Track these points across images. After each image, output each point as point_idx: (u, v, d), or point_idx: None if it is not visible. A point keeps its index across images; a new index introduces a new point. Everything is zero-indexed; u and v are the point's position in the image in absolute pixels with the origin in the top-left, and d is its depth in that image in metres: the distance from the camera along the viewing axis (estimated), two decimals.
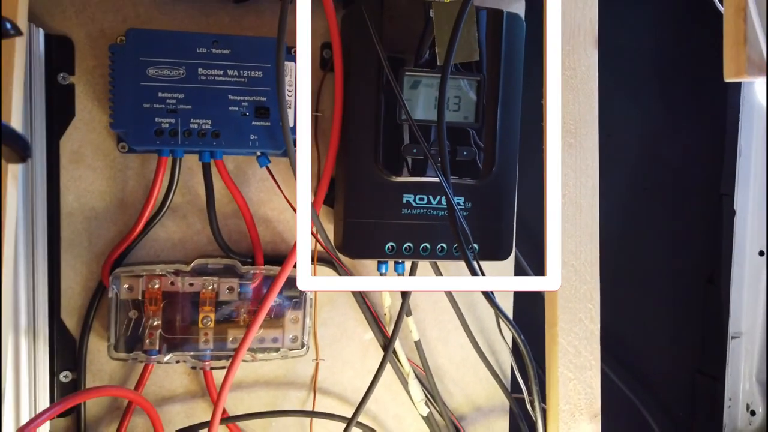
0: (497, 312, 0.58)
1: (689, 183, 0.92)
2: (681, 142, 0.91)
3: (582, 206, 0.58)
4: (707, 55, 0.88)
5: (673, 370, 0.94)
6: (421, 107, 0.62)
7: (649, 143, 0.90)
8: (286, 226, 0.69)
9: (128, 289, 0.63)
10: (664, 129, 0.90)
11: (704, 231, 0.93)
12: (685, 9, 0.88)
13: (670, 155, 0.91)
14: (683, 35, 0.89)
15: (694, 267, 0.93)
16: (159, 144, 0.60)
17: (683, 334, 0.94)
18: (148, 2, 0.65)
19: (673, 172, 0.92)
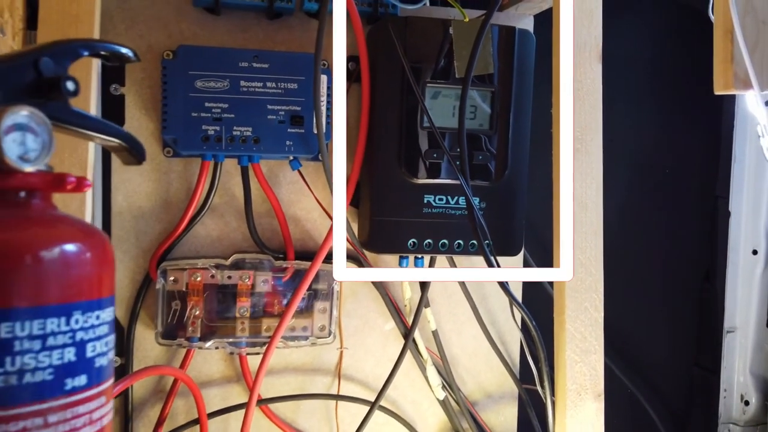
0: (512, 300, 0.67)
1: (686, 186, 1.02)
2: (679, 148, 1.01)
3: (588, 205, 0.68)
4: (703, 66, 0.97)
5: (671, 363, 1.03)
6: (440, 116, 0.71)
7: (649, 149, 1.00)
8: (314, 224, 0.78)
9: (173, 281, 0.72)
10: (662, 135, 1.00)
11: (700, 231, 1.02)
12: (682, 22, 0.98)
13: (668, 160, 1.01)
14: (681, 47, 0.98)
15: (691, 265, 1.03)
16: (205, 149, 0.69)
17: (681, 329, 1.04)
18: (190, 20, 0.74)
19: (671, 176, 1.01)
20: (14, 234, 0.29)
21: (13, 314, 0.28)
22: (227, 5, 0.72)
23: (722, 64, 0.64)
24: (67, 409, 0.30)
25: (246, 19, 0.76)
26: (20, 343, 0.28)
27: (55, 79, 0.32)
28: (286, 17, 0.76)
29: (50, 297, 0.29)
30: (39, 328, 0.29)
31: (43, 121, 0.30)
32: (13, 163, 0.29)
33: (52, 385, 0.29)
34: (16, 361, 0.28)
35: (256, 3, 0.72)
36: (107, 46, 0.37)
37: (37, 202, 0.32)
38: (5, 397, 0.28)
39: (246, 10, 0.74)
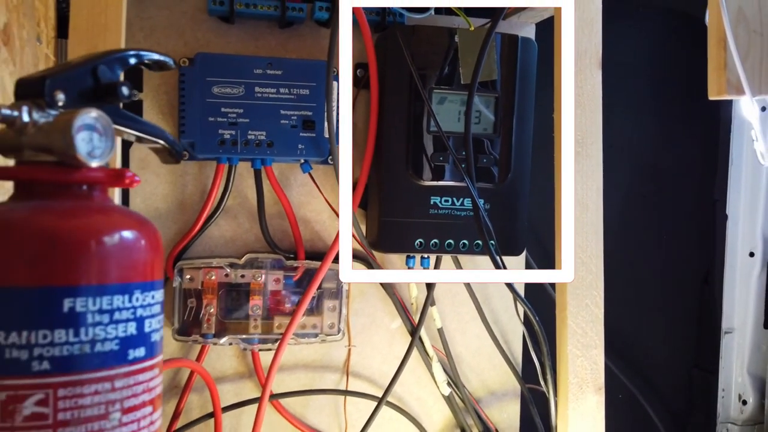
0: (515, 296, 0.72)
1: (684, 190, 1.08)
2: (676, 152, 1.07)
3: (588, 206, 0.73)
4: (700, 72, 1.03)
5: (670, 363, 1.08)
6: (445, 120, 0.76)
7: (647, 153, 1.05)
8: (323, 226, 0.83)
9: (189, 280, 0.77)
10: (660, 140, 1.06)
11: (698, 234, 1.08)
12: (679, 29, 1.04)
13: (666, 164, 1.06)
14: (678, 53, 1.04)
15: (689, 268, 1.08)
16: (221, 152, 0.74)
17: (680, 330, 1.09)
18: (205, 28, 0.79)
19: (669, 180, 1.07)
20: (85, 221, 0.34)
21: (86, 291, 0.33)
22: (241, 14, 0.78)
23: (716, 71, 0.70)
24: (130, 377, 0.35)
25: (258, 28, 0.81)
26: (92, 317, 0.33)
27: (112, 85, 0.38)
28: (297, 26, 0.82)
29: (115, 276, 0.34)
30: (107, 304, 0.34)
31: (107, 122, 0.35)
32: (83, 158, 0.34)
33: (118, 355, 0.34)
34: (89, 332, 0.33)
35: (269, 12, 0.78)
36: (151, 56, 0.42)
37: (98, 194, 0.37)
38: (81, 363, 0.33)
39: (259, 18, 0.80)
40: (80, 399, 0.32)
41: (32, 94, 0.35)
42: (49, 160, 0.35)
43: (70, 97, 0.36)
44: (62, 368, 0.32)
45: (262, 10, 0.78)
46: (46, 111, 0.35)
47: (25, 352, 0.32)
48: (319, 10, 0.79)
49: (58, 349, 0.32)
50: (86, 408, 0.33)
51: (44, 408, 0.32)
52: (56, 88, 0.35)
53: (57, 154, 0.34)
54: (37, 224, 0.33)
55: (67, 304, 0.33)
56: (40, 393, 0.32)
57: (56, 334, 0.32)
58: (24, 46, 0.53)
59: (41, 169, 0.35)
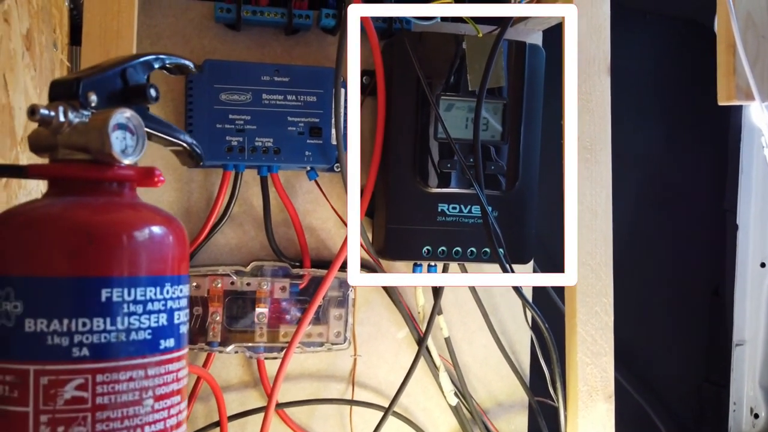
0: (524, 301, 0.76)
1: (694, 200, 1.11)
2: (686, 162, 1.11)
3: (597, 213, 0.77)
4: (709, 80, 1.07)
5: (680, 377, 1.12)
6: (453, 127, 0.80)
7: (656, 163, 1.09)
8: (329, 234, 0.87)
9: (195, 287, 0.80)
10: (669, 149, 1.10)
11: (709, 245, 1.12)
12: (687, 36, 1.08)
13: (675, 174, 1.10)
14: (686, 61, 1.09)
15: (699, 279, 1.12)
16: (229, 159, 0.78)
17: (690, 343, 1.12)
18: (211, 35, 0.83)
19: (678, 190, 1.11)
20: (118, 216, 0.38)
21: (121, 282, 0.37)
22: (248, 21, 0.82)
23: (725, 77, 0.74)
24: (161, 366, 0.38)
25: (264, 35, 0.85)
26: (127, 307, 0.37)
27: (141, 87, 0.41)
28: (303, 33, 0.86)
29: (147, 269, 0.38)
30: (141, 295, 0.37)
31: (139, 122, 0.39)
32: (117, 156, 0.38)
33: (150, 344, 0.38)
34: (124, 321, 0.37)
35: (276, 19, 0.82)
36: (175, 60, 0.46)
37: (128, 192, 0.41)
38: (117, 350, 0.36)
39: (265, 26, 0.84)
40: (116, 385, 0.36)
41: (66, 96, 0.39)
42: (83, 159, 0.39)
43: (101, 99, 0.40)
44: (100, 355, 0.36)
45: (268, 17, 0.82)
46: (80, 111, 0.39)
47: (66, 338, 0.35)
48: (325, 17, 0.83)
49: (96, 337, 0.36)
50: (122, 394, 0.36)
51: (83, 392, 0.35)
52: (89, 89, 0.39)
53: (92, 152, 0.38)
54: (75, 219, 0.36)
55: (104, 294, 0.36)
56: (80, 378, 0.35)
57: (95, 322, 0.36)
58: (43, 51, 0.57)
59: (77, 166, 0.39)
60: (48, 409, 0.35)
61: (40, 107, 0.37)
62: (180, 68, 0.47)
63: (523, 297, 0.77)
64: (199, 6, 0.83)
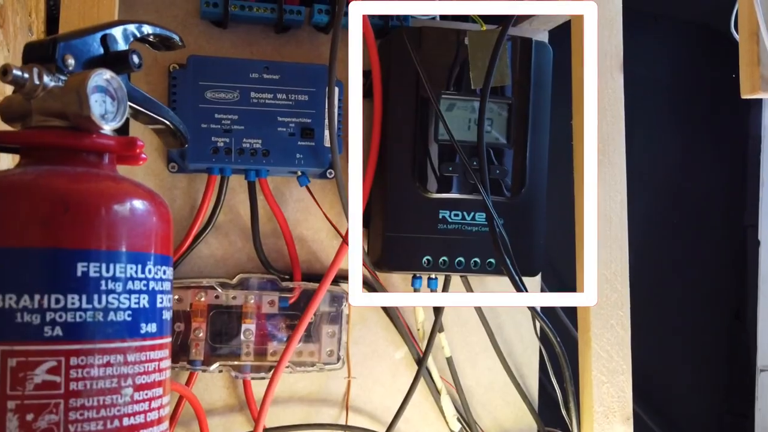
0: (534, 313, 0.74)
1: (712, 215, 1.11)
2: (702, 174, 1.10)
3: (612, 219, 0.76)
4: (725, 86, 1.08)
5: (700, 407, 1.10)
6: (455, 128, 0.79)
7: (670, 175, 1.09)
8: (321, 245, 0.86)
9: (178, 301, 0.78)
10: (684, 161, 1.09)
11: (729, 264, 1.11)
12: (702, 42, 1.09)
13: (691, 187, 1.10)
14: (702, 68, 1.09)
15: (719, 300, 1.11)
16: (215, 161, 0.77)
17: (710, 371, 1.11)
18: (196, 33, 0.83)
19: (695, 204, 1.10)
20: (97, 185, 0.36)
21: (100, 255, 0.35)
22: (236, 17, 0.81)
23: (748, 67, 0.73)
24: (142, 352, 0.37)
25: (253, 33, 0.84)
26: (105, 283, 0.35)
27: (123, 53, 0.40)
28: (294, 31, 0.85)
29: (128, 244, 0.36)
30: (120, 271, 0.36)
31: (120, 85, 0.38)
32: (96, 120, 0.37)
33: (130, 327, 0.36)
34: (102, 299, 0.35)
35: (266, 15, 0.81)
36: (158, 30, 0.45)
37: (108, 164, 0.39)
38: (94, 331, 0.35)
39: (254, 23, 0.83)
40: (92, 369, 0.34)
41: (42, 58, 0.38)
42: (59, 125, 0.38)
43: (79, 65, 0.39)
44: (75, 335, 0.34)
45: (258, 13, 0.81)
46: (56, 75, 0.38)
47: (38, 316, 0.34)
48: (318, 13, 0.82)
49: (70, 315, 0.34)
50: (98, 380, 0.34)
51: (56, 377, 0.33)
52: (66, 52, 0.38)
53: (69, 117, 0.37)
54: (50, 185, 0.35)
55: (80, 268, 0.35)
56: (52, 360, 0.33)
57: (69, 298, 0.34)
58: (17, 33, 0.56)
59: (52, 133, 0.37)
60: (16, 395, 0.33)
61: (12, 67, 0.36)
62: (164, 41, 0.47)
63: (538, 314, 0.75)
64: (183, 1, 0.83)
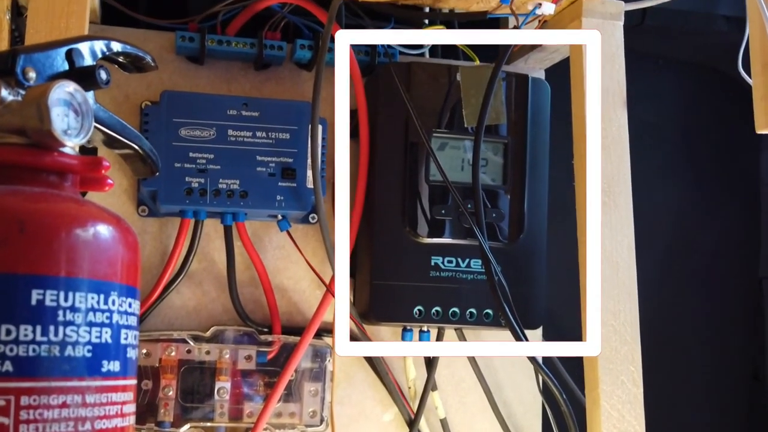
0: (537, 367, 0.73)
1: (725, 267, 1.10)
2: (713, 223, 1.10)
3: (619, 264, 0.74)
4: (733, 130, 1.08)
5: None
6: (447, 169, 0.79)
7: (680, 225, 1.08)
8: (302, 296, 0.84)
9: (145, 355, 0.76)
10: (692, 209, 1.09)
11: (744, 319, 1.09)
12: (706, 83, 1.09)
13: (702, 237, 1.09)
14: (706, 110, 1.09)
15: (736, 360, 1.09)
16: (188, 203, 0.76)
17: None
18: (171, 69, 0.82)
19: (706, 256, 1.09)
20: (58, 207, 0.35)
21: (58, 283, 0.34)
22: (213, 53, 0.81)
23: (762, 101, 0.73)
24: (103, 393, 0.35)
25: (231, 70, 0.84)
26: (63, 314, 0.34)
27: (89, 69, 0.39)
28: (275, 68, 0.85)
29: (90, 272, 0.35)
30: (80, 301, 0.34)
31: (84, 100, 0.37)
32: (58, 135, 0.36)
33: (91, 364, 0.34)
34: (59, 331, 0.34)
35: (245, 50, 0.81)
36: (129, 48, 0.45)
37: (70, 185, 0.38)
38: (49, 367, 0.33)
39: (232, 59, 0.83)
40: (46, 411, 0.32)
41: (0, 71, 0.37)
42: (17, 142, 0.36)
43: (42, 79, 0.38)
44: (27, 371, 0.32)
45: (236, 48, 0.81)
46: (15, 89, 0.37)
47: None
48: (300, 49, 0.82)
49: (23, 348, 0.32)
50: (52, 422, 0.32)
51: (4, 418, 0.31)
52: (28, 65, 0.37)
53: (29, 132, 0.36)
54: (4, 205, 0.34)
55: (35, 296, 0.33)
56: (0, 399, 0.31)
57: (22, 330, 0.32)
58: None
59: (9, 150, 0.36)
60: None
61: None
62: (136, 62, 0.46)
63: (537, 363, 0.73)
64: (157, 36, 0.83)
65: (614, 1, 0.79)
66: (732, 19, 1.04)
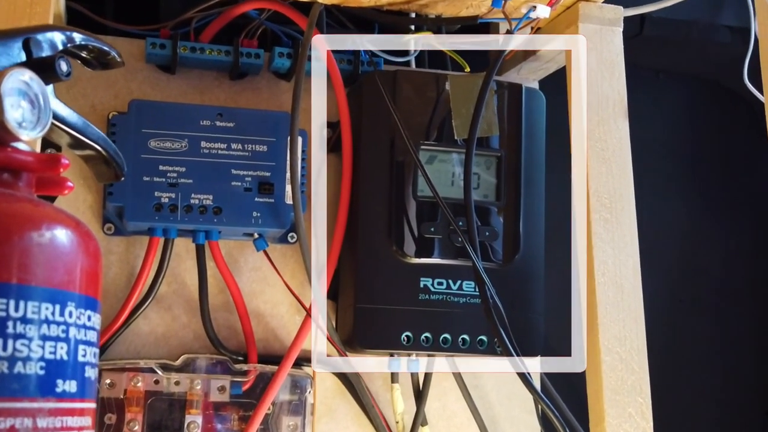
0: (536, 397, 0.71)
1: (735, 295, 1.08)
2: (722, 248, 1.09)
3: (624, 287, 0.73)
4: (739, 147, 1.07)
5: None
6: (436, 184, 0.77)
7: (687, 249, 1.07)
8: (280, 322, 0.82)
9: (109, 386, 0.74)
10: (701, 230, 1.08)
11: (756, 352, 1.07)
12: (707, 97, 1.09)
13: (710, 262, 1.08)
14: (709, 126, 1.09)
15: (749, 396, 1.07)
16: (158, 220, 0.74)
17: None
18: (141, 78, 0.81)
19: (715, 282, 1.08)
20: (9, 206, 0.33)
21: (8, 290, 0.31)
22: (186, 61, 0.80)
23: None
24: (57, 417, 0.32)
25: (205, 79, 0.83)
26: (13, 325, 0.32)
27: (48, 59, 0.38)
28: (252, 77, 0.84)
29: (44, 279, 0.33)
30: (33, 311, 0.32)
31: (43, 91, 0.35)
32: (11, 126, 0.34)
33: (43, 383, 0.32)
34: (8, 345, 0.31)
35: (220, 58, 0.80)
36: (93, 42, 0.43)
37: (25, 185, 0.36)
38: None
39: (206, 68, 0.82)
40: None
41: None
42: None
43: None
44: None
45: (211, 56, 0.80)
46: None
47: None
48: (279, 57, 0.81)
49: None
50: None
51: None
52: None
53: None
54: None
55: None
56: None
57: None
58: None
59: None
60: None
61: None
62: (100, 57, 0.44)
63: (534, 390, 0.71)
64: (126, 43, 0.81)
65: (612, 6, 0.79)
66: (736, 29, 1.03)
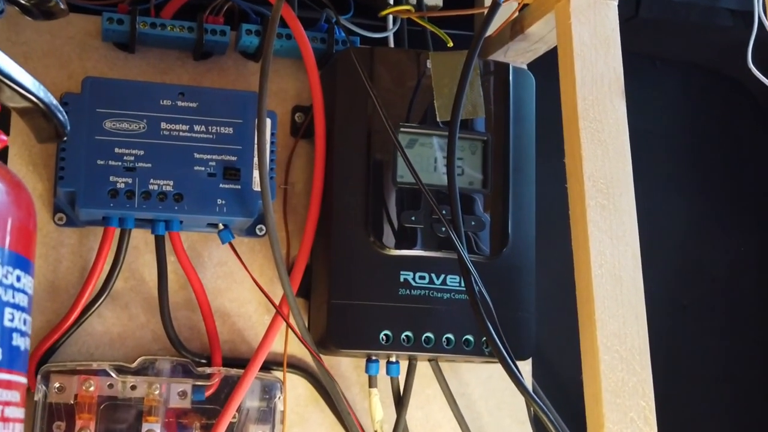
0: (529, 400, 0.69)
1: (742, 298, 1.08)
2: (723, 244, 1.08)
3: (623, 279, 0.71)
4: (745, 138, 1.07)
5: None
6: (417, 170, 0.76)
7: (690, 250, 1.07)
8: (248, 322, 0.81)
9: (58, 390, 0.72)
10: (698, 229, 1.07)
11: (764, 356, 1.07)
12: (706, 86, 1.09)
13: (715, 263, 1.07)
14: (711, 116, 1.08)
15: (756, 405, 1.06)
16: (113, 207, 0.72)
17: None
18: (97, 57, 0.80)
19: (720, 285, 1.07)
20: None
21: None
22: (145, 38, 0.79)
23: None
24: None
25: (166, 59, 0.82)
26: None
27: None
28: (217, 57, 0.83)
29: None
30: None
31: None
32: None
33: None
34: None
35: (182, 35, 0.79)
36: None
37: None
38: None
39: (168, 46, 0.81)
40: None
41: None
42: None
43: None
44: None
45: (173, 32, 0.79)
46: None
47: None
48: (246, 34, 0.80)
49: None
50: None
51: None
52: None
53: None
54: None
55: None
56: None
57: None
58: None
59: None
60: None
61: None
62: (41, 4, 0.42)
63: (527, 392, 0.69)
64: (82, 20, 0.80)
65: None
66: (738, 13, 1.03)
